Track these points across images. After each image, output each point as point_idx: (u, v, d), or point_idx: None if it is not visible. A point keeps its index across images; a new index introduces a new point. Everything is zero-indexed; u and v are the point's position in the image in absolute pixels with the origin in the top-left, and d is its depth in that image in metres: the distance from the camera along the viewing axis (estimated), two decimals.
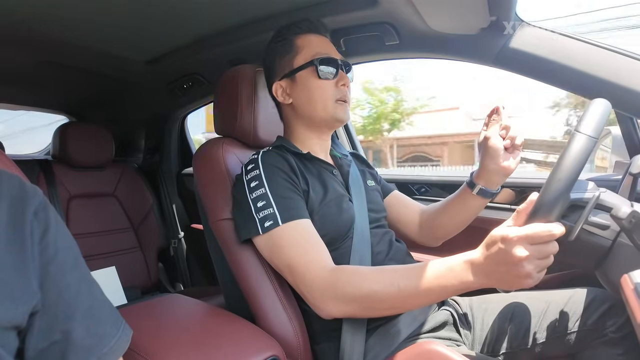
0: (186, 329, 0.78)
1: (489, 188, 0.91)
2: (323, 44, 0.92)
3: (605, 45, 0.86)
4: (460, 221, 1.00)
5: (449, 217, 1.00)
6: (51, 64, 1.49)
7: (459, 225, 1.01)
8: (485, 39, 0.97)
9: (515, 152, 0.87)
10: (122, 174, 1.90)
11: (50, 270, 0.45)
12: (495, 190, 0.92)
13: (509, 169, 0.87)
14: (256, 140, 1.02)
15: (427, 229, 1.04)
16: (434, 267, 0.67)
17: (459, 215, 0.98)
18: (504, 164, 0.86)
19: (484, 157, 0.88)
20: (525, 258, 0.56)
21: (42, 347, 0.44)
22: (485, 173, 0.89)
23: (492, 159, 0.86)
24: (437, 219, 1.02)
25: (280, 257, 0.79)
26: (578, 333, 0.80)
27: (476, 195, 0.92)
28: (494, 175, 0.89)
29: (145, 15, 1.16)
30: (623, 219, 0.60)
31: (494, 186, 0.91)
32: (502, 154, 0.86)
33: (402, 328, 0.81)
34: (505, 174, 0.88)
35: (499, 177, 0.89)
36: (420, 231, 1.06)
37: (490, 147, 0.86)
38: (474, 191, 0.92)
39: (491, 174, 0.89)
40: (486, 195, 0.92)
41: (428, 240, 1.06)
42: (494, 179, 0.90)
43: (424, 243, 1.07)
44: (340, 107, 0.90)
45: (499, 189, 0.93)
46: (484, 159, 0.88)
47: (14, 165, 0.59)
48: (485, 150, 0.87)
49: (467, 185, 0.94)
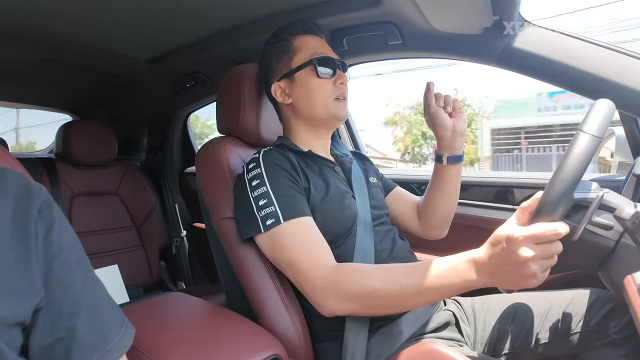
0: (188, 327, 0.78)
1: (455, 153, 0.98)
2: (320, 45, 0.94)
3: (609, 45, 0.86)
4: (447, 199, 1.03)
5: (436, 197, 1.03)
6: (54, 61, 1.50)
7: (449, 205, 1.04)
8: (488, 38, 0.97)
9: (457, 114, 0.95)
10: (124, 172, 1.91)
11: (55, 267, 0.45)
12: (461, 153, 0.99)
13: (461, 129, 0.96)
14: (259, 139, 1.02)
15: (424, 218, 1.07)
16: (437, 265, 0.67)
17: (443, 193, 1.02)
18: (455, 127, 0.95)
19: (437, 129, 0.95)
20: (531, 258, 0.56)
21: (46, 344, 0.44)
22: (444, 141, 0.96)
23: (443, 128, 0.94)
24: (428, 204, 1.04)
25: (282, 255, 0.79)
26: (581, 334, 0.79)
27: (448, 165, 0.99)
28: (452, 141, 0.96)
29: (147, 14, 1.17)
30: (627, 220, 0.60)
31: (458, 150, 0.98)
32: (448, 120, 0.94)
33: (405, 328, 0.81)
34: (461, 134, 0.96)
35: (457, 140, 0.96)
36: (420, 224, 1.08)
37: (438, 119, 0.94)
38: (443, 162, 0.98)
39: (449, 141, 0.96)
40: (456, 161, 0.99)
41: (429, 230, 1.07)
42: (454, 144, 0.96)
43: (428, 236, 1.08)
44: (339, 105, 0.92)
45: (463, 151, 0.99)
46: (438, 131, 0.96)
47: (18, 163, 0.59)
48: (435, 125, 0.95)
49: (435, 161, 1.01)
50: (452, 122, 0.94)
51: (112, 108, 2.13)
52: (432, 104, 0.94)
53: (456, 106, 0.96)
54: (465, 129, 0.97)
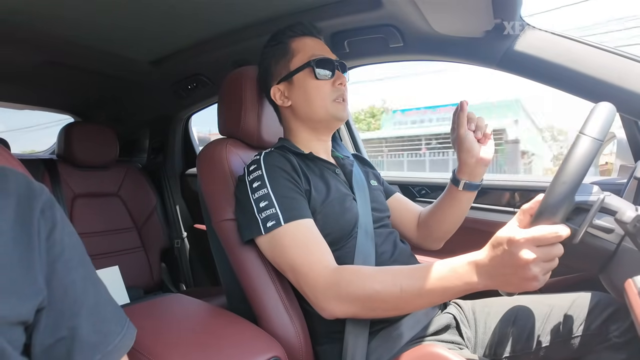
0: (188, 329, 0.78)
1: (473, 181, 0.94)
2: (318, 46, 0.94)
3: (610, 48, 0.86)
4: (453, 219, 1.01)
5: (442, 215, 1.01)
6: (56, 63, 1.50)
7: (454, 223, 1.02)
8: (489, 41, 0.97)
9: (487, 141, 0.91)
10: (126, 173, 1.91)
11: (57, 267, 0.45)
12: (480, 182, 0.95)
13: (487, 159, 0.91)
14: (260, 141, 1.02)
15: (424, 230, 1.06)
16: (438, 268, 0.67)
17: (451, 213, 1.00)
18: (481, 155, 0.90)
19: (461, 153, 0.91)
20: (532, 260, 0.56)
21: (48, 343, 0.44)
22: (467, 167, 0.93)
23: (469, 152, 0.90)
24: (432, 218, 1.03)
25: (282, 257, 0.79)
26: (582, 337, 0.79)
27: (463, 190, 0.95)
28: (475, 168, 0.92)
29: (149, 16, 1.17)
30: (628, 223, 0.60)
31: (477, 178, 0.94)
32: (476, 146, 0.90)
33: (405, 331, 0.81)
34: (485, 164, 0.92)
35: (480, 168, 0.93)
36: (418, 233, 1.07)
37: (465, 142, 0.89)
38: (459, 187, 0.95)
39: (472, 167, 0.92)
40: (472, 188, 0.95)
41: (427, 242, 1.07)
42: (476, 171, 0.93)
43: (423, 246, 1.08)
44: (339, 106, 0.91)
45: (482, 180, 0.96)
46: (462, 155, 0.91)
47: (20, 164, 0.59)
48: (460, 146, 0.91)
49: (451, 182, 0.97)
50: (480, 149, 0.90)
51: (114, 109, 2.14)
52: (463, 125, 0.89)
53: (487, 133, 0.91)
54: (491, 159, 0.92)
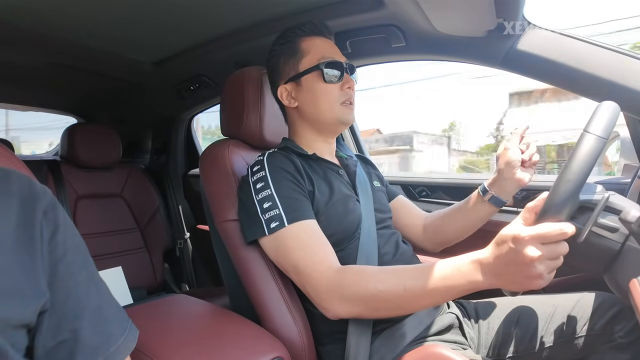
0: (191, 329, 0.78)
1: (500, 197, 0.94)
2: (328, 47, 0.93)
3: (613, 47, 0.86)
4: (465, 227, 1.00)
5: (455, 221, 1.00)
6: (58, 65, 1.51)
7: (463, 232, 1.01)
8: (492, 41, 0.97)
9: (530, 169, 0.91)
10: (129, 174, 1.92)
11: (59, 269, 0.45)
12: (506, 201, 0.95)
13: (523, 182, 0.91)
14: (262, 142, 1.02)
15: (431, 233, 1.05)
16: (441, 267, 0.66)
17: (465, 220, 0.99)
18: (518, 175, 0.90)
19: (502, 165, 0.91)
20: (537, 258, 0.55)
21: (50, 346, 0.44)
22: (501, 181, 0.92)
23: (509, 168, 0.90)
24: (444, 223, 1.02)
25: (286, 257, 0.79)
26: (586, 337, 0.79)
27: (487, 202, 0.95)
28: (508, 185, 0.92)
29: (152, 17, 1.17)
30: (632, 223, 0.60)
31: (506, 196, 0.94)
32: (519, 165, 0.90)
33: (408, 331, 0.81)
34: (519, 186, 0.92)
35: (512, 188, 0.92)
36: (423, 235, 1.07)
37: (510, 157, 0.89)
38: (486, 197, 0.95)
39: (505, 183, 0.92)
40: (497, 204, 0.95)
41: (429, 244, 1.06)
42: (507, 189, 0.93)
43: (425, 248, 1.07)
44: (346, 110, 0.91)
45: (508, 201, 0.95)
46: (502, 167, 0.91)
47: (24, 165, 0.59)
48: (504, 159, 0.91)
49: (480, 191, 0.96)
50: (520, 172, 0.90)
51: (117, 110, 2.15)
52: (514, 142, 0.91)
53: (534, 161, 0.92)
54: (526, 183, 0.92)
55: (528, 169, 0.91)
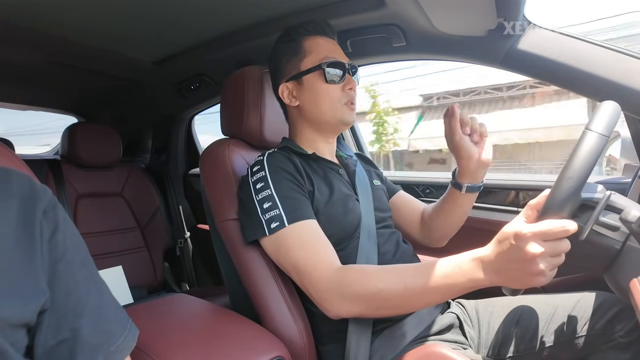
0: (192, 328, 0.78)
1: (475, 183, 0.93)
2: (331, 47, 0.92)
3: (614, 47, 0.85)
4: (455, 219, 1.00)
5: (443, 217, 1.01)
6: (59, 64, 1.51)
7: (456, 224, 1.02)
8: (492, 40, 0.97)
9: (484, 140, 0.89)
10: (129, 174, 1.92)
11: (59, 268, 0.45)
12: (481, 183, 0.94)
13: (488, 161, 0.89)
14: (262, 142, 1.02)
15: (426, 230, 1.06)
16: (442, 265, 0.66)
17: (453, 214, 0.99)
18: (481, 158, 0.88)
19: (461, 160, 0.89)
20: (539, 255, 0.55)
21: (50, 345, 0.44)
22: (466, 171, 0.91)
23: (469, 158, 0.88)
24: (433, 220, 1.03)
25: (286, 257, 0.79)
26: (586, 337, 0.79)
27: (465, 194, 0.94)
28: (475, 171, 0.91)
29: (152, 16, 1.17)
30: (633, 222, 0.60)
31: (478, 180, 0.93)
32: (473, 147, 0.87)
33: (408, 330, 0.81)
34: (486, 166, 0.90)
35: (481, 171, 0.91)
36: (420, 232, 1.07)
37: (463, 148, 0.87)
38: (462, 190, 0.93)
39: (472, 171, 0.91)
40: (474, 190, 0.94)
41: (429, 241, 1.06)
42: (476, 175, 0.92)
43: (426, 244, 1.07)
44: (347, 110, 0.91)
45: (483, 180, 0.94)
46: (461, 161, 0.90)
47: (24, 165, 0.59)
48: (458, 152, 0.88)
49: (453, 186, 0.95)
50: (479, 151, 0.88)
51: (117, 110, 2.15)
52: (457, 131, 0.86)
53: (483, 132, 0.88)
54: (491, 159, 0.89)
55: (483, 142, 0.88)
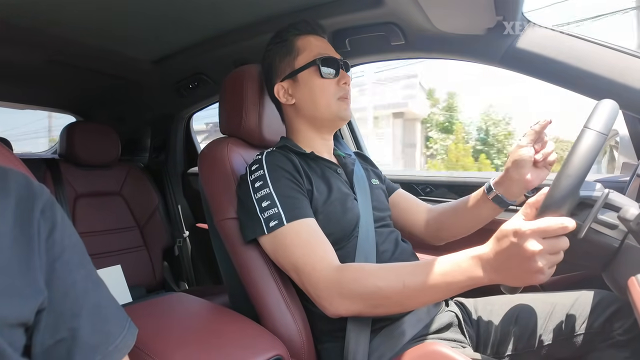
0: (190, 327, 0.78)
1: (505, 197, 0.90)
2: (323, 45, 0.94)
3: (613, 45, 0.86)
4: (467, 225, 0.99)
5: (458, 218, 0.99)
6: (57, 63, 1.51)
7: (466, 229, 1.00)
8: (491, 39, 0.97)
9: (544, 169, 0.85)
10: (128, 173, 1.91)
11: (57, 268, 0.45)
12: (512, 202, 0.91)
13: (531, 183, 0.85)
14: (261, 140, 1.02)
15: (433, 228, 1.04)
16: (441, 263, 0.67)
17: (468, 219, 0.98)
18: (528, 176, 0.84)
19: (511, 165, 0.86)
20: (539, 252, 0.55)
21: (48, 344, 0.44)
22: (507, 181, 0.88)
23: (518, 168, 0.85)
24: (447, 219, 1.01)
25: (285, 256, 0.79)
26: (585, 335, 0.79)
27: (491, 202, 0.91)
28: (515, 186, 0.87)
29: (150, 15, 1.17)
30: (631, 221, 0.60)
31: (511, 197, 0.90)
32: (529, 166, 0.84)
33: (407, 329, 0.81)
34: (526, 188, 0.86)
35: (519, 189, 0.88)
36: (425, 229, 1.06)
37: (520, 156, 0.84)
38: (490, 196, 0.91)
39: (512, 184, 0.87)
40: (501, 204, 0.91)
41: (432, 239, 1.06)
42: (513, 190, 0.88)
43: (427, 241, 1.07)
44: (343, 105, 0.91)
45: (514, 201, 0.91)
46: (510, 167, 0.86)
47: (22, 164, 0.59)
48: (513, 157, 0.85)
49: (485, 189, 0.93)
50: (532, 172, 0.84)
51: (116, 109, 2.14)
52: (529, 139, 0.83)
53: (550, 161, 0.84)
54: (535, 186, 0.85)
55: (542, 169, 0.85)
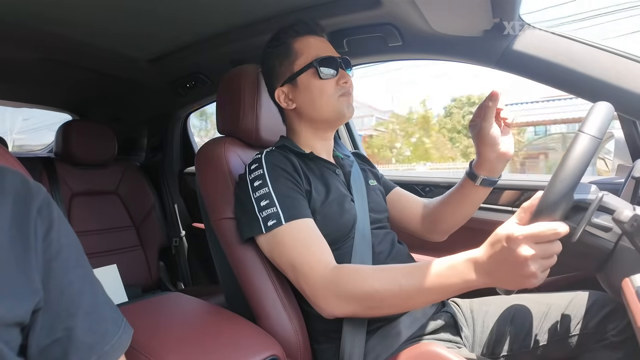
0: (186, 328, 0.78)
1: (491, 177, 0.90)
2: (321, 45, 0.92)
3: (609, 48, 0.86)
4: (463, 214, 0.99)
5: (451, 210, 0.99)
6: (54, 61, 1.50)
7: (462, 218, 1.00)
8: (488, 41, 0.97)
9: (508, 134, 0.86)
10: (124, 172, 1.91)
11: (53, 267, 0.45)
12: (498, 178, 0.92)
13: (509, 154, 0.86)
14: (258, 140, 1.02)
15: (429, 223, 1.04)
16: (436, 265, 0.67)
17: (462, 208, 0.98)
18: (502, 149, 0.85)
19: (482, 147, 0.86)
20: (531, 257, 0.56)
21: (44, 344, 0.44)
22: (486, 162, 0.88)
23: (491, 147, 0.85)
24: (440, 212, 1.01)
25: (282, 256, 0.79)
26: (579, 336, 0.79)
27: (479, 186, 0.92)
28: (496, 163, 0.88)
29: (147, 14, 1.17)
30: (625, 223, 0.60)
31: (496, 174, 0.91)
32: (499, 140, 0.85)
33: (403, 329, 0.81)
34: (507, 159, 0.87)
35: (501, 164, 0.89)
36: (422, 225, 1.05)
37: (489, 136, 0.84)
38: (477, 182, 0.91)
39: (492, 163, 0.88)
40: (490, 184, 0.92)
41: (431, 234, 1.05)
42: (496, 167, 0.89)
43: (427, 237, 1.07)
44: (344, 101, 0.89)
45: (500, 175, 0.92)
46: (483, 149, 0.86)
47: (18, 163, 0.59)
48: (482, 140, 0.85)
49: (467, 176, 0.93)
50: (503, 144, 0.85)
51: (112, 108, 2.13)
52: (491, 117, 0.82)
53: (509, 123, 0.85)
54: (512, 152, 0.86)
55: (506, 135, 0.85)
